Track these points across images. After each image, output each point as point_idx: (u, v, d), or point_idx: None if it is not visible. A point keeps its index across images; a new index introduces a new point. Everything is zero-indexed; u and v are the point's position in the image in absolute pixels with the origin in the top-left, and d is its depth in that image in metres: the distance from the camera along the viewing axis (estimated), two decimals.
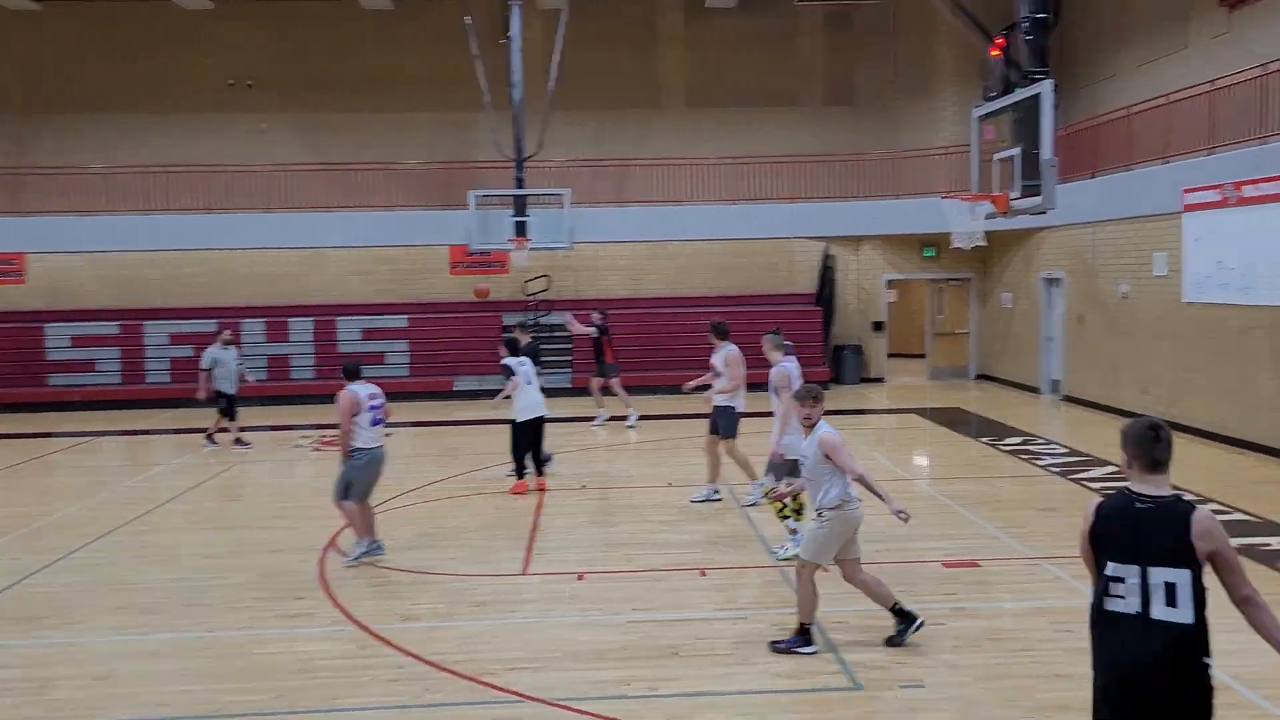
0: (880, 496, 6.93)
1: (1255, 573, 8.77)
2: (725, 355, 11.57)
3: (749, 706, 6.39)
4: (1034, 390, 21.76)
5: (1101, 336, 18.89)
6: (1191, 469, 13.31)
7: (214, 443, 16.73)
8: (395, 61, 24.71)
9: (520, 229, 20.93)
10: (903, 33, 24.85)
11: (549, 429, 13.16)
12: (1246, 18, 16.53)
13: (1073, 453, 14.78)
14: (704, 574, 9.10)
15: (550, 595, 8.68)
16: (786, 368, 10.00)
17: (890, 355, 25.51)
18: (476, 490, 13.03)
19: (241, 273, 24.15)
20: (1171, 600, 3.91)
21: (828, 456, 7.05)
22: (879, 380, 24.40)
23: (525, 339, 15.57)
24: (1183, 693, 3.92)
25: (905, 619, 7.22)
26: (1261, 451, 14.20)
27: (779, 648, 7.17)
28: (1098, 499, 4.20)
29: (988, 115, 14.84)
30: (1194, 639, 3.91)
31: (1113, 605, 4.01)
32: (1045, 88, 12.97)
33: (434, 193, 24.33)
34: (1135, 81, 19.61)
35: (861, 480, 6.97)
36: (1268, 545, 9.63)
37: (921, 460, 15.30)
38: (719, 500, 11.82)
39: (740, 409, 11.62)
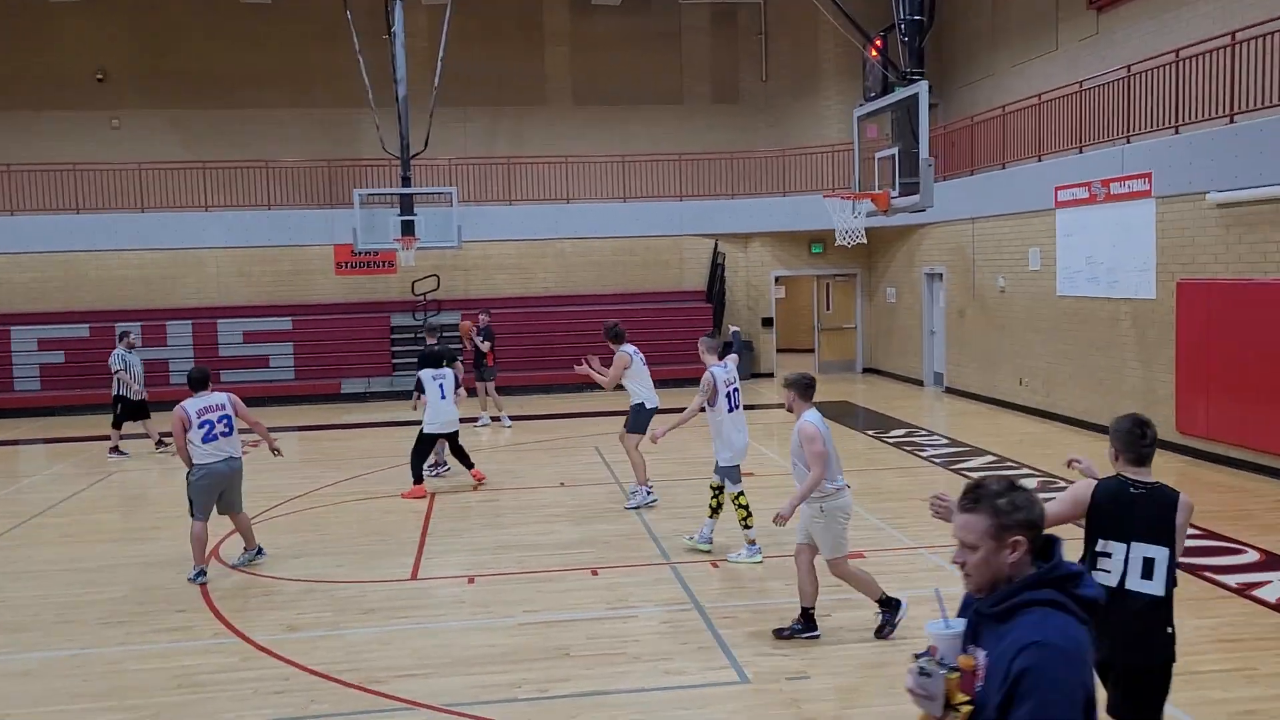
0: (798, 499, 7.04)
1: None
2: (615, 358, 11.65)
3: (640, 704, 6.42)
4: (918, 383, 22.32)
5: (981, 329, 19.48)
6: (1063, 456, 13.76)
7: (165, 445, 16.16)
8: (275, 56, 24.15)
9: (407, 228, 20.63)
10: (786, 31, 25.24)
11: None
12: (1113, 21, 17.22)
13: (954, 443, 15.22)
14: (596, 574, 9.11)
15: (440, 600, 8.59)
16: (712, 373, 9.63)
17: (779, 350, 25.90)
18: (365, 495, 12.81)
19: (114, 275, 23.28)
20: (1148, 574, 4.45)
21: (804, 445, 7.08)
22: (769, 375, 24.74)
23: (431, 340, 15.26)
24: (1148, 657, 4.37)
25: (809, 626, 7.32)
26: None
27: (885, 634, 7.26)
28: (1093, 481, 4.63)
29: (868, 115, 15.14)
30: (1162, 609, 4.37)
31: (1099, 578, 4.44)
32: (921, 89, 13.26)
33: (317, 191, 23.84)
34: (1010, 81, 20.29)
35: (814, 477, 6.97)
36: None
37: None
38: (655, 502, 11.65)
39: (650, 406, 11.63)
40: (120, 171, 23.11)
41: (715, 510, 9.71)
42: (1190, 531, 9.79)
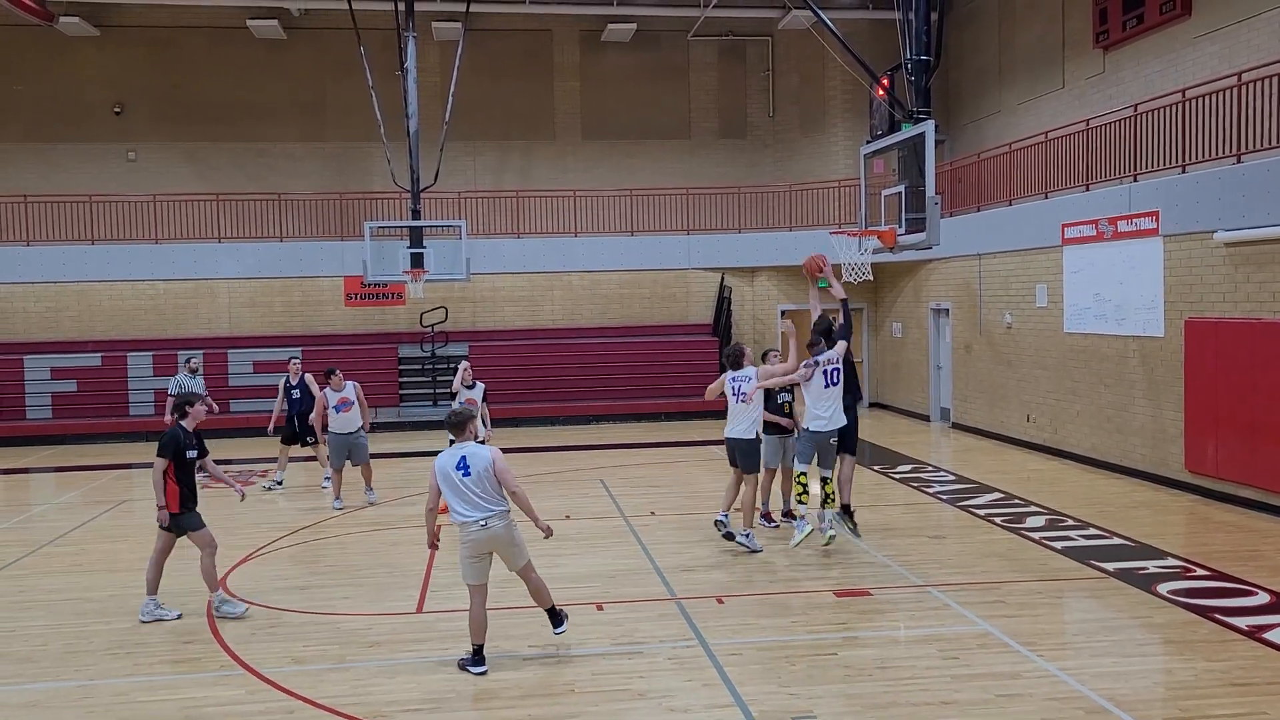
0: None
1: (1132, 596, 9.13)
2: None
3: None
4: (925, 418, 22.30)
5: (987, 365, 19.48)
6: (1070, 494, 13.79)
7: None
8: (288, 90, 24.42)
9: (417, 260, 20.78)
10: (794, 68, 25.44)
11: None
12: (1120, 59, 17.34)
13: (960, 479, 15.18)
14: (601, 609, 9.10)
15: (445, 634, 8.57)
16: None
17: None
18: (370, 526, 12.82)
19: (128, 305, 23.46)
20: None
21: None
22: None
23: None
24: None
25: (557, 619, 7.99)
26: (1136, 476, 14.78)
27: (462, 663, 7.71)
28: None
29: (875, 152, 15.24)
30: None
31: None
32: (928, 128, 13.34)
33: (328, 223, 24.02)
34: (1017, 118, 20.41)
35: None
36: (1144, 569, 10.00)
37: (815, 488, 15.52)
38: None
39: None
40: (135, 203, 23.32)
41: (825, 500, 10.75)
42: (1199, 572, 9.76)
